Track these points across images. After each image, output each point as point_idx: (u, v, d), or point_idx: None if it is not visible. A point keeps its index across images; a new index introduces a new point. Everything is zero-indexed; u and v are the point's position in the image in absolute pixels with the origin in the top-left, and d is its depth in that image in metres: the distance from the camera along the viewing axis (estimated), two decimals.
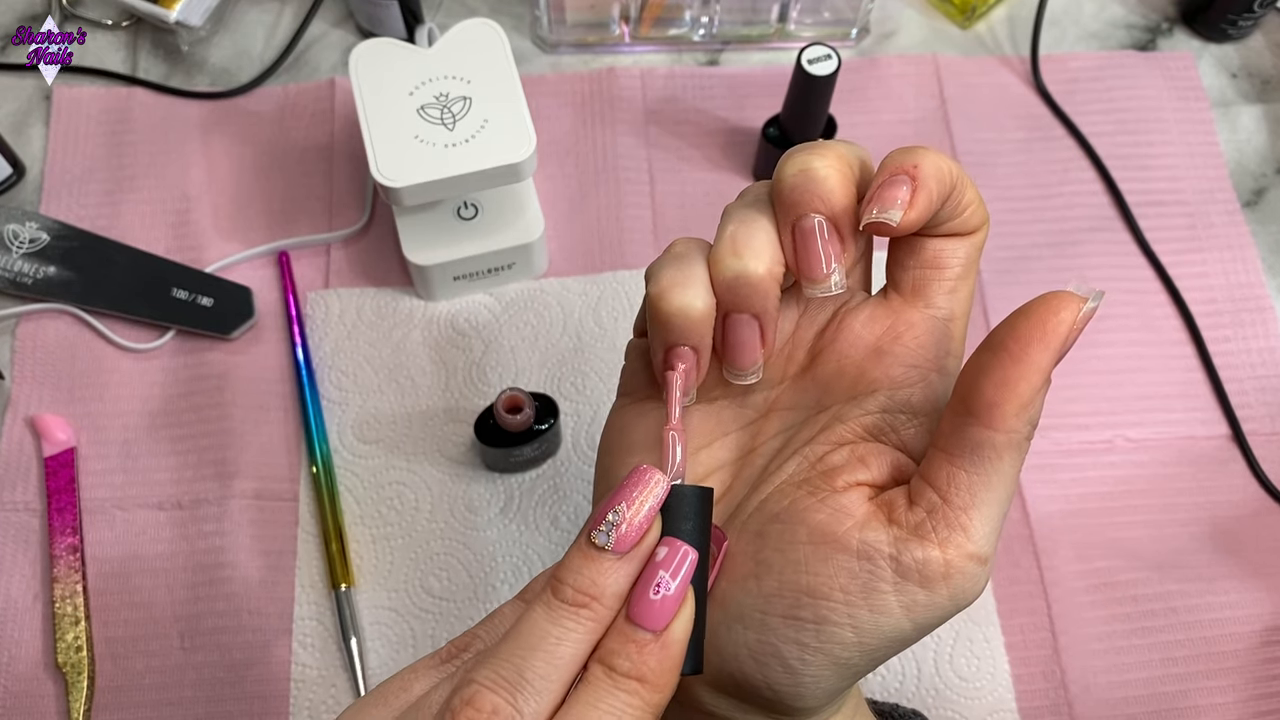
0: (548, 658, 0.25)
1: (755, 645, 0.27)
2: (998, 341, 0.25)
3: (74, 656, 0.53)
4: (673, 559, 0.26)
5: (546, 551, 0.57)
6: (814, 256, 0.27)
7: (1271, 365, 0.62)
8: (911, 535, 0.26)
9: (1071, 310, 0.24)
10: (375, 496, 0.58)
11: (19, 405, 0.59)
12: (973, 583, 0.26)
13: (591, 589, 0.25)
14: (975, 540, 0.26)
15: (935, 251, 0.28)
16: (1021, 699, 0.54)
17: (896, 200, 0.26)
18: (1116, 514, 0.58)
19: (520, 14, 0.70)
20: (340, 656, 0.54)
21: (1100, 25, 0.72)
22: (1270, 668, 0.55)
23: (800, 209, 0.27)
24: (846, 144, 0.28)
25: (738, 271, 0.27)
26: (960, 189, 0.27)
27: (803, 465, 0.29)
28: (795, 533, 0.27)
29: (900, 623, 0.26)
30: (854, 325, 0.29)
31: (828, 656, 0.27)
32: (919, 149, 0.26)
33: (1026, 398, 0.25)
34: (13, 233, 0.61)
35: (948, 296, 0.29)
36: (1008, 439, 0.25)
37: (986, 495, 0.26)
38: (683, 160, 0.66)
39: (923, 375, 0.28)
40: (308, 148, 0.66)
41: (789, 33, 0.70)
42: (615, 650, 0.25)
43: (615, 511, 0.25)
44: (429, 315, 0.62)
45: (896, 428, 0.28)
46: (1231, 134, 0.69)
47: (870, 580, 0.26)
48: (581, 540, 0.26)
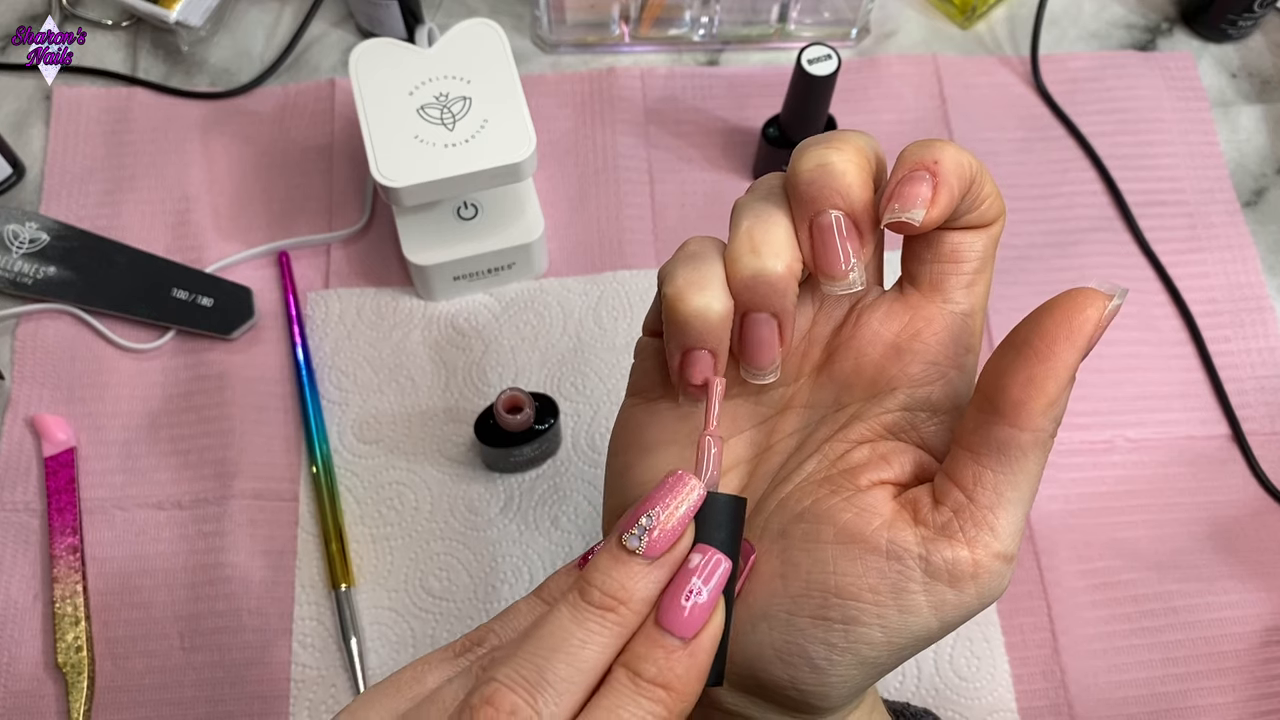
0: (570, 660, 0.24)
1: (781, 646, 0.27)
2: (1023, 339, 0.25)
3: (74, 656, 0.53)
4: (706, 566, 0.25)
5: (546, 551, 0.57)
6: (833, 253, 0.27)
7: (1271, 365, 0.62)
8: (939, 535, 0.26)
9: (1097, 308, 0.24)
10: (375, 496, 0.58)
11: (19, 405, 0.59)
12: (999, 581, 0.26)
13: (620, 592, 0.25)
14: (1002, 539, 0.26)
15: (953, 245, 0.28)
16: (1021, 699, 0.54)
17: (918, 198, 0.25)
18: (1116, 514, 0.58)
19: (520, 14, 0.70)
20: (340, 656, 0.54)
21: (1100, 25, 0.72)
22: (1270, 668, 0.55)
23: (819, 204, 0.27)
24: (861, 135, 0.27)
25: (756, 270, 0.27)
26: (980, 182, 0.27)
27: (823, 463, 0.29)
28: (821, 532, 0.27)
29: (928, 621, 0.26)
30: (871, 322, 0.29)
31: (855, 656, 0.26)
32: (937, 143, 0.26)
33: (1053, 396, 0.25)
34: (13, 233, 0.61)
35: (966, 291, 0.28)
36: (1034, 437, 0.25)
37: (1012, 494, 0.26)
38: (683, 160, 0.66)
39: (942, 372, 0.28)
40: (308, 148, 0.66)
41: (789, 33, 0.69)
42: (642, 655, 0.25)
43: (649, 516, 0.25)
44: (429, 315, 0.62)
45: (916, 425, 0.28)
46: (1231, 134, 0.69)
47: (900, 580, 0.26)
48: (612, 543, 0.25)
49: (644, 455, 0.31)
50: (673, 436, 0.30)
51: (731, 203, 0.72)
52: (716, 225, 0.65)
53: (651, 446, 0.31)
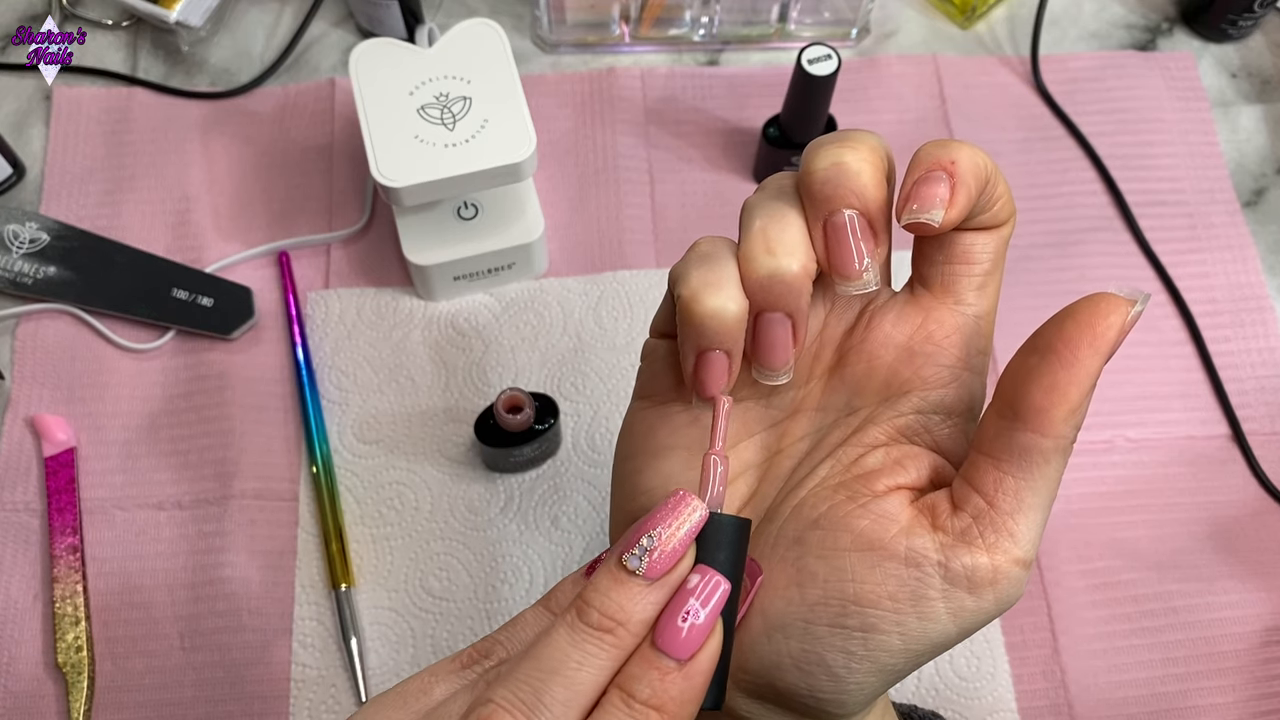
0: (567, 683, 0.24)
1: (799, 654, 0.27)
2: (1045, 345, 0.25)
3: (74, 656, 0.53)
4: (704, 588, 0.25)
5: (546, 552, 0.57)
6: (847, 253, 0.27)
7: (1271, 365, 0.62)
8: (958, 541, 0.26)
9: (1120, 314, 0.24)
10: (375, 496, 0.58)
11: (19, 405, 0.59)
12: (1017, 587, 0.26)
13: (618, 614, 0.25)
14: (1022, 545, 0.26)
15: (965, 247, 0.28)
16: (1021, 699, 0.54)
17: (936, 199, 0.25)
18: (1116, 514, 0.58)
19: (520, 14, 0.70)
20: (340, 656, 0.54)
21: (1100, 25, 0.72)
22: (1270, 668, 0.55)
23: (833, 204, 0.26)
24: (872, 134, 0.27)
25: (772, 270, 0.26)
26: (994, 183, 0.26)
27: (836, 468, 0.28)
28: (838, 539, 0.27)
29: (947, 628, 0.26)
30: (884, 325, 0.29)
31: (874, 663, 0.26)
32: (953, 143, 0.26)
33: (1076, 402, 0.24)
34: (13, 233, 0.61)
35: (977, 293, 0.28)
36: (1055, 443, 0.25)
37: (1033, 500, 0.25)
38: (683, 160, 0.66)
39: (955, 375, 0.28)
40: (308, 148, 0.66)
41: (789, 33, 0.69)
42: (637, 676, 0.24)
43: (650, 536, 0.25)
44: (429, 315, 0.62)
45: (930, 429, 0.28)
46: (1231, 134, 0.69)
47: (919, 587, 0.26)
48: (612, 562, 0.25)
49: (654, 459, 0.30)
50: (684, 440, 0.30)
51: (731, 203, 0.73)
52: (717, 225, 0.65)
53: (662, 450, 0.30)
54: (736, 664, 0.28)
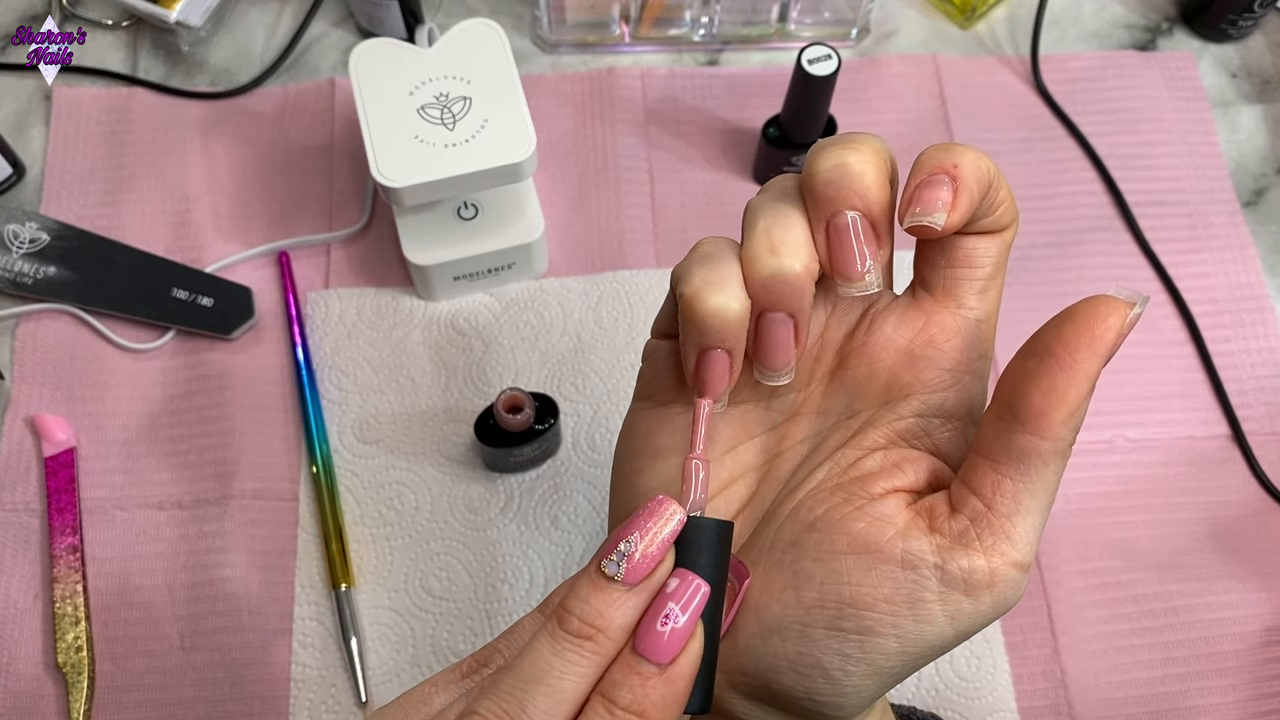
0: (549, 691, 0.24)
1: (795, 657, 0.27)
2: (1044, 347, 0.25)
3: (74, 656, 0.53)
4: (684, 592, 0.25)
5: (546, 552, 0.57)
6: (850, 255, 0.27)
7: (1271, 365, 0.62)
8: (955, 544, 0.26)
9: (1119, 316, 0.24)
10: (375, 496, 0.58)
11: (19, 405, 0.59)
12: (1015, 590, 0.26)
13: (598, 620, 0.25)
14: (1019, 548, 0.25)
15: (968, 251, 0.28)
16: (1021, 699, 0.54)
17: (939, 202, 0.25)
18: (1116, 514, 0.58)
19: (520, 14, 0.70)
20: (340, 656, 0.54)
21: (1100, 25, 0.72)
22: (1270, 668, 0.55)
23: (836, 205, 0.26)
24: (876, 137, 0.27)
25: (775, 270, 0.26)
26: (996, 187, 0.27)
27: (834, 471, 0.28)
28: (834, 542, 0.27)
29: (944, 631, 0.26)
30: (885, 328, 0.29)
31: (870, 666, 0.26)
32: (956, 147, 0.26)
33: (1074, 405, 0.24)
34: (13, 233, 0.61)
35: (979, 297, 0.28)
36: (1054, 446, 0.25)
37: (1031, 503, 0.25)
38: (683, 160, 0.66)
39: (956, 379, 0.28)
40: (308, 148, 0.66)
41: (789, 33, 0.69)
42: (618, 682, 0.24)
43: (627, 541, 0.25)
44: (429, 315, 0.62)
45: (930, 432, 0.28)
46: (1231, 134, 0.69)
47: (915, 590, 0.26)
48: (591, 569, 0.25)
49: (655, 460, 0.30)
50: (684, 442, 0.30)
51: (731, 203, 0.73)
52: (717, 225, 0.65)
53: (662, 452, 0.30)
54: (733, 666, 0.28)
